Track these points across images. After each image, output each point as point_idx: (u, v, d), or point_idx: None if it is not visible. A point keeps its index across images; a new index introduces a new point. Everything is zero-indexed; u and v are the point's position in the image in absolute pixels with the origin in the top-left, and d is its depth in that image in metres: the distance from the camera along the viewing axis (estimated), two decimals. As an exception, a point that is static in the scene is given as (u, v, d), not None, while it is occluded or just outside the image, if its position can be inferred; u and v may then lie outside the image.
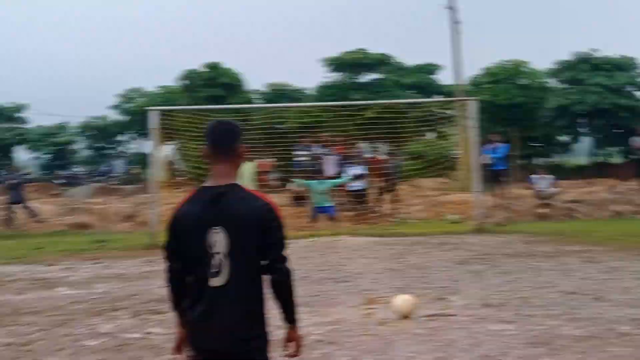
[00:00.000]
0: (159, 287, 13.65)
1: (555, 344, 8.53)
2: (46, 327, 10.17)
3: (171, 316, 8.30)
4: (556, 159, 46.76)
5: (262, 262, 4.42)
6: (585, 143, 47.66)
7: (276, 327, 4.73)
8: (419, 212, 27.56)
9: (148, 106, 44.46)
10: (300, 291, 11.92)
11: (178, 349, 4.63)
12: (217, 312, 4.30)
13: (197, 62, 66.76)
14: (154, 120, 21.93)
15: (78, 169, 55.83)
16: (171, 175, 27.16)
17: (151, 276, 15.18)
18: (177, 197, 26.60)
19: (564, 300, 11.26)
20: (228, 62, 48.08)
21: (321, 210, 21.72)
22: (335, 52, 45.74)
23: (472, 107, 22.91)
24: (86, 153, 61.90)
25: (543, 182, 26.94)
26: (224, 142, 4.51)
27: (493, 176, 27.65)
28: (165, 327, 10.05)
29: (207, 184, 4.50)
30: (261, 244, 4.36)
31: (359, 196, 26.07)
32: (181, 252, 4.45)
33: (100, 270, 16.34)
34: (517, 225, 23.79)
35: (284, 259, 4.46)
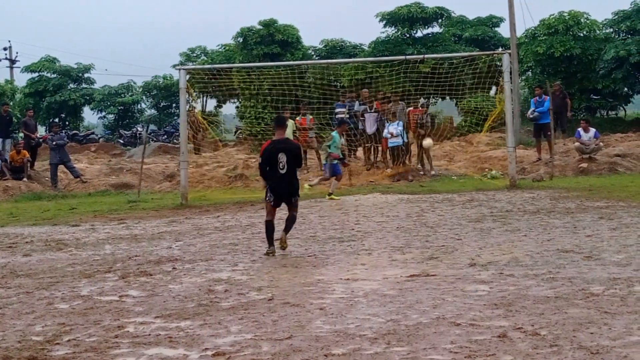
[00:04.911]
0: (166, 248, 13.88)
1: (517, 305, 8.37)
2: (30, 290, 10.34)
3: (155, 280, 10.87)
4: (615, 111, 45.64)
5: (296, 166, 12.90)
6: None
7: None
8: (461, 168, 27.31)
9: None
10: (300, 251, 12.11)
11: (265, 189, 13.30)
12: (283, 181, 12.49)
13: (253, 20, 66.66)
14: (183, 79, 21.91)
15: (141, 129, 56.35)
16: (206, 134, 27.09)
17: (164, 237, 15.37)
18: (203, 159, 26.60)
19: (554, 259, 11.07)
20: (283, 20, 47.74)
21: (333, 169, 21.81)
22: (390, 6, 45.02)
23: (505, 60, 22.51)
24: (151, 112, 62.51)
25: (587, 135, 26.32)
26: (282, 123, 13.29)
27: (538, 130, 27.25)
28: (144, 290, 10.17)
29: (275, 138, 12.87)
30: (297, 158, 12.82)
31: (397, 152, 25.90)
32: (267, 160, 12.54)
33: (119, 231, 16.57)
34: (555, 181, 23.40)
35: (300, 163, 13.24)
